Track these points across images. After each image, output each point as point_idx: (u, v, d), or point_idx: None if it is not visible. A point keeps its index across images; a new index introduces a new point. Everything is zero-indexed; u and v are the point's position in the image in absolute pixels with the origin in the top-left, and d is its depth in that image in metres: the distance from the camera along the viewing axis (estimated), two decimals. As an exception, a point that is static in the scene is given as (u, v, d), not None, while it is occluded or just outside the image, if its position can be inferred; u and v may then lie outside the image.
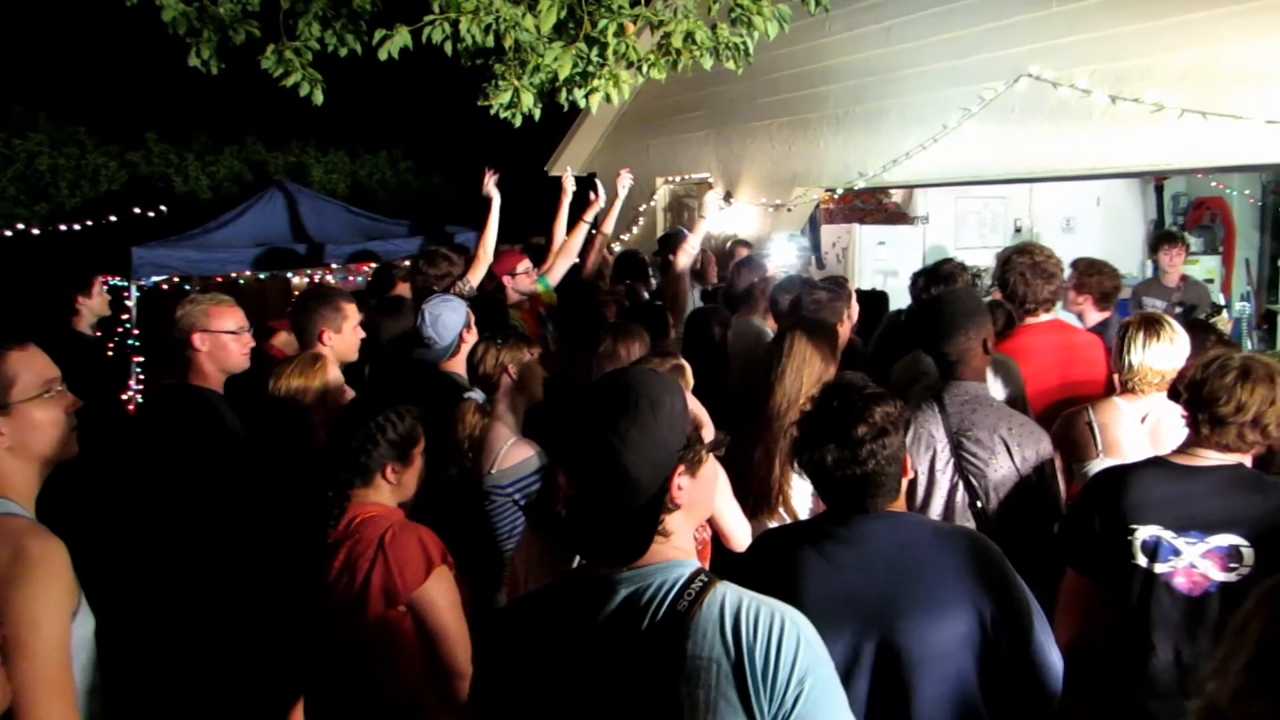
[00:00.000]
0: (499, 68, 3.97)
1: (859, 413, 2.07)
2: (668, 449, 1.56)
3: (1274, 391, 2.46)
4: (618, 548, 1.57)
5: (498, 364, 3.33)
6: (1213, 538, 2.48)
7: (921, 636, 1.94)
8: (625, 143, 10.31)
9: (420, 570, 2.46)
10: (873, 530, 2.07)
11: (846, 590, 2.00)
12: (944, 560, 2.02)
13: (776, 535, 2.29)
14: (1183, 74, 5.02)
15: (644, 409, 1.55)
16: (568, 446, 1.59)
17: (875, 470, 2.05)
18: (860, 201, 8.99)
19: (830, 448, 2.05)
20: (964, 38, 6.25)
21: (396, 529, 2.50)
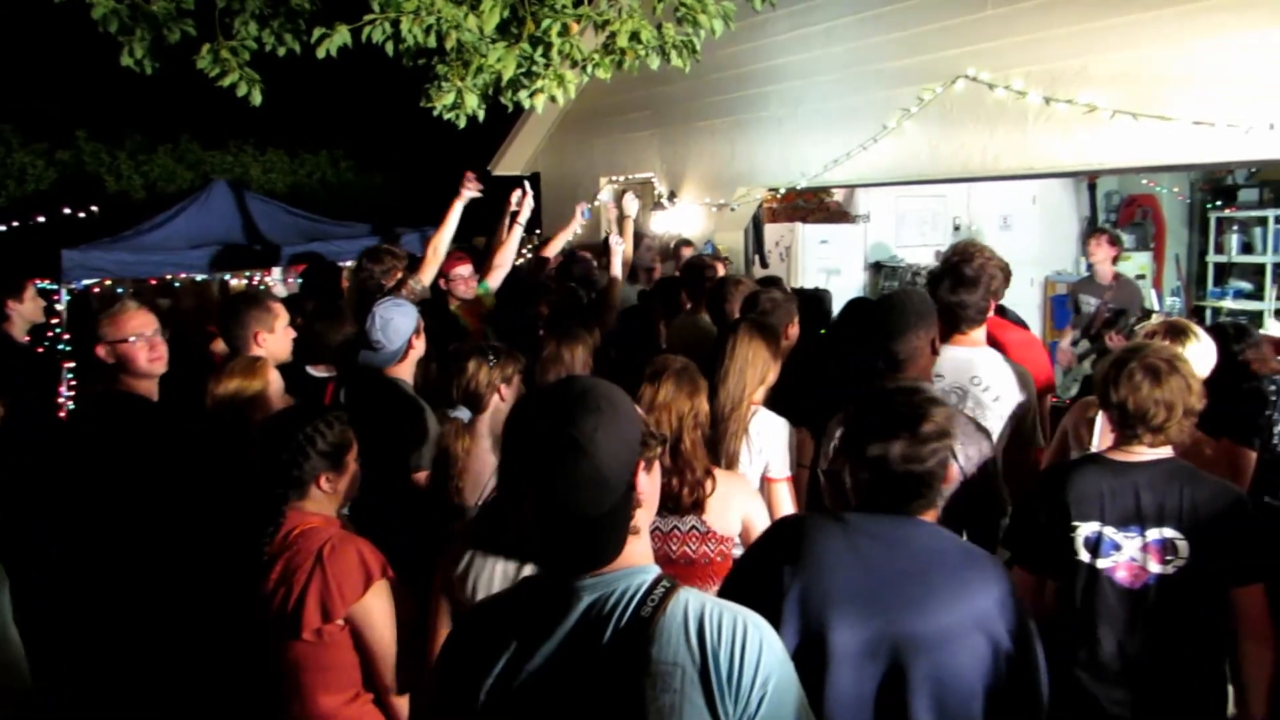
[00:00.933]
0: (441, 68, 3.93)
1: (925, 411, 2.08)
2: (631, 446, 1.56)
3: (1184, 378, 2.55)
4: (594, 549, 1.55)
5: (489, 383, 3.20)
6: (1150, 531, 2.55)
7: (935, 652, 1.94)
8: (569, 142, 10.28)
9: (359, 584, 2.42)
10: (908, 535, 2.06)
11: (873, 588, 1.99)
12: (969, 582, 2.01)
13: (801, 521, 2.26)
14: (1114, 76, 5.14)
15: (605, 408, 1.54)
16: (530, 451, 1.54)
17: (932, 470, 2.06)
18: (802, 201, 9.06)
19: (898, 442, 2.04)
20: (902, 40, 6.34)
21: (336, 542, 2.46)
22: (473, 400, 3.20)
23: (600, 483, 1.50)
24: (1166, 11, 4.89)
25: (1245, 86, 4.59)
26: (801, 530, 2.13)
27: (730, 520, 2.81)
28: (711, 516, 2.78)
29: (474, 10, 3.64)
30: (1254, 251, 9.78)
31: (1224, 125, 4.64)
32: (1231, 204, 10.04)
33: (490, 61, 3.71)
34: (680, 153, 8.68)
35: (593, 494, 1.50)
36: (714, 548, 2.78)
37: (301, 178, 14.33)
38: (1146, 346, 2.70)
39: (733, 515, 2.81)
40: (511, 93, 3.94)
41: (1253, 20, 4.55)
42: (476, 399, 3.19)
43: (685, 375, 2.84)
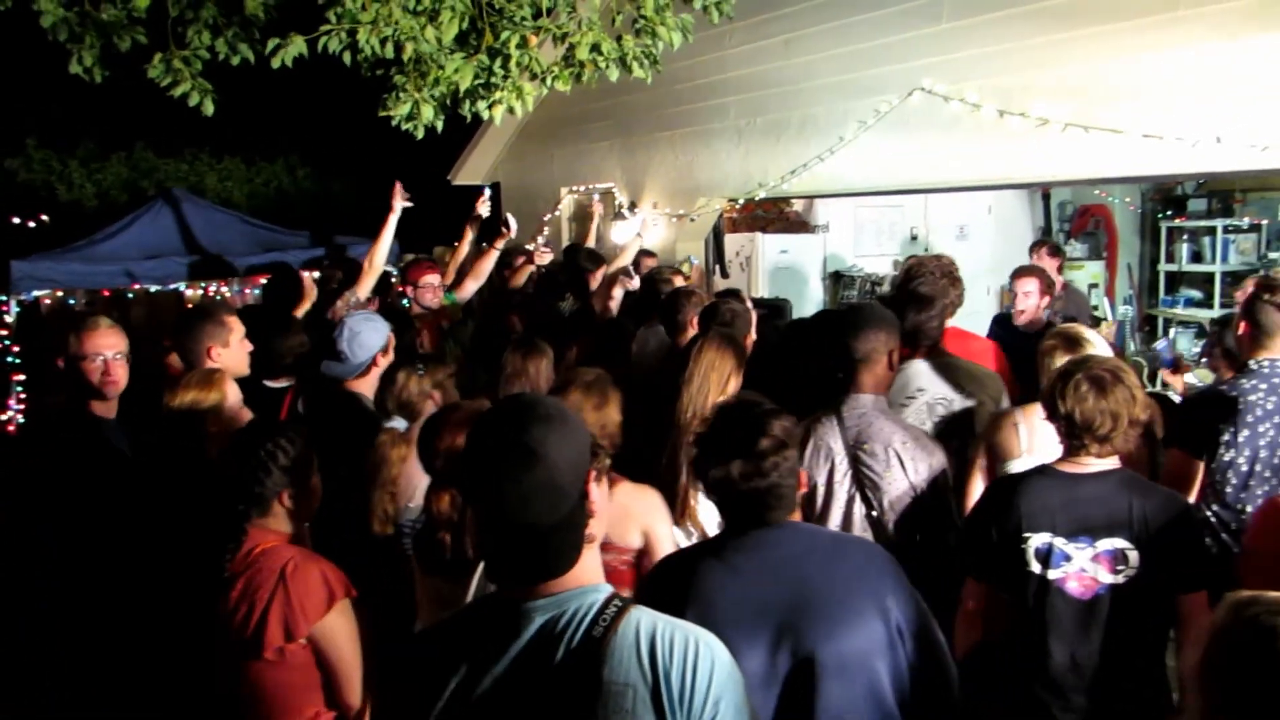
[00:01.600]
0: (399, 79, 3.90)
1: (760, 427, 2.11)
2: (583, 454, 1.58)
3: (1128, 388, 2.59)
4: (549, 559, 1.55)
5: (421, 391, 3.23)
6: (1101, 542, 2.58)
7: (834, 643, 1.97)
8: (529, 152, 10.27)
9: (322, 603, 2.41)
10: (774, 540, 2.10)
11: (758, 600, 2.02)
12: (847, 567, 2.07)
13: (678, 557, 2.31)
14: (1066, 90, 5.22)
15: (556, 417, 1.56)
16: (484, 461, 1.54)
17: (777, 482, 2.10)
18: (762, 211, 9.12)
19: (735, 463, 2.08)
20: (860, 52, 6.40)
21: (298, 561, 2.45)
22: (407, 410, 3.22)
23: (555, 489, 1.51)
24: (1116, 27, 4.98)
25: (1193, 101, 4.69)
26: (682, 566, 2.18)
27: (629, 532, 2.84)
28: (609, 525, 2.80)
29: (432, 21, 3.63)
30: (1203, 260, 9.98)
31: (1172, 138, 4.74)
32: (1181, 214, 10.25)
33: (448, 73, 3.70)
34: (640, 163, 8.70)
35: (547, 501, 1.50)
36: (614, 557, 2.82)
37: (258, 186, 14.18)
38: (1092, 359, 2.74)
39: (632, 527, 2.84)
40: (470, 104, 3.93)
41: (1199, 35, 4.65)
42: (410, 408, 3.21)
43: (594, 387, 2.93)
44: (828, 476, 3.05)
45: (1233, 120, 4.53)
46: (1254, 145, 4.44)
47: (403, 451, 3.12)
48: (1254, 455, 3.19)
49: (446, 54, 3.76)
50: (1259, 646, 1.48)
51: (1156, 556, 2.53)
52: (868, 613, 2.01)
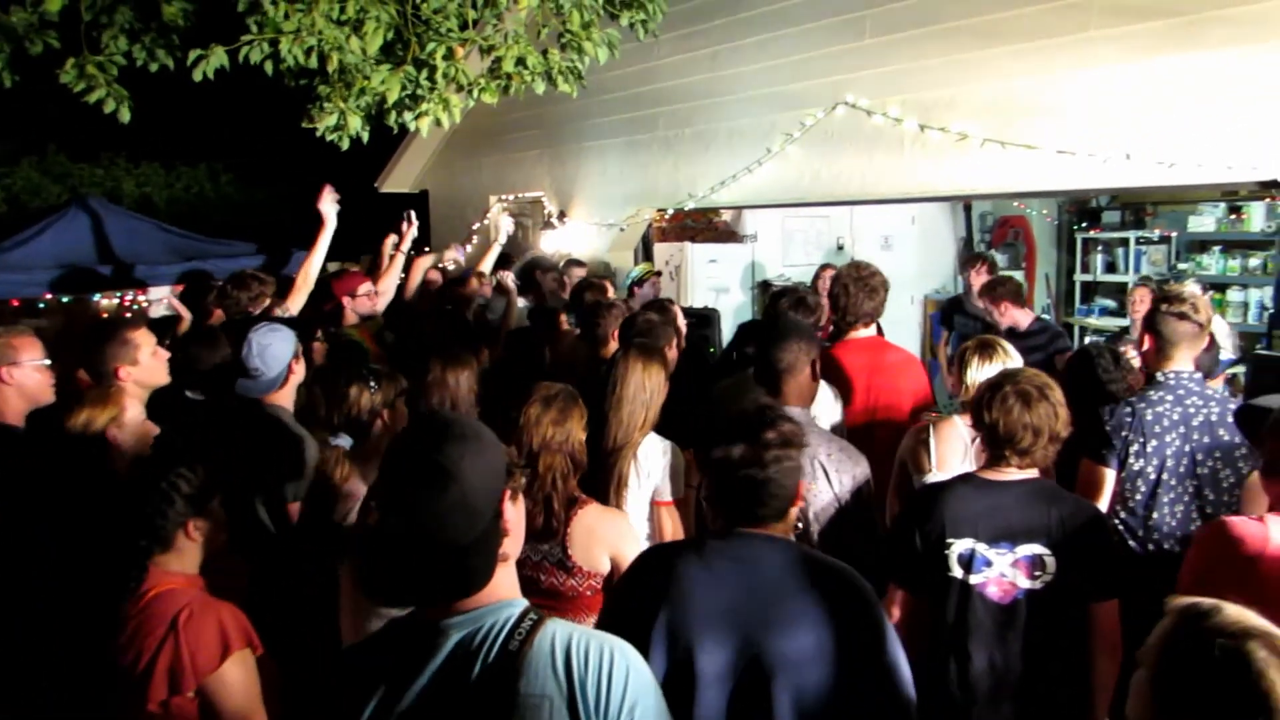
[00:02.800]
0: (324, 89, 3.85)
1: (771, 420, 2.15)
2: (497, 474, 1.59)
3: (1052, 403, 2.68)
4: (463, 578, 1.55)
5: (372, 409, 3.13)
6: (1020, 548, 2.66)
7: (794, 665, 1.98)
8: (458, 160, 10.20)
9: (214, 655, 2.29)
10: (758, 551, 2.11)
11: (731, 606, 2.03)
12: (825, 593, 2.06)
13: (664, 550, 2.31)
14: (984, 106, 5.36)
15: (470, 437, 1.57)
16: (397, 481, 1.54)
17: (774, 477, 2.10)
18: (691, 220, 9.17)
19: (739, 445, 2.10)
20: (785, 65, 6.49)
21: (194, 608, 2.33)
22: (355, 427, 3.14)
23: (468, 509, 1.52)
24: (1030, 46, 5.13)
25: (1104, 119, 4.85)
26: (663, 560, 2.18)
27: (596, 556, 2.79)
28: (575, 549, 2.78)
29: (356, 32, 3.59)
30: (1117, 271, 10.31)
31: (1085, 155, 4.89)
32: (1096, 225, 10.57)
33: (374, 84, 3.66)
34: (570, 172, 8.70)
35: (461, 521, 1.51)
36: (581, 582, 2.78)
37: (179, 192, 13.83)
38: (1020, 373, 2.82)
39: (598, 551, 2.79)
40: (396, 115, 3.89)
41: (1110, 56, 4.81)
42: (359, 425, 3.13)
43: (554, 401, 2.87)
44: (755, 488, 3.08)
45: (1142, 138, 4.70)
46: (1161, 162, 4.61)
47: (347, 469, 3.05)
48: (1161, 464, 3.30)
49: (372, 65, 3.72)
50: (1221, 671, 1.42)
51: (1072, 563, 2.61)
52: (834, 643, 2.01)
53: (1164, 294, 3.46)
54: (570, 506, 2.80)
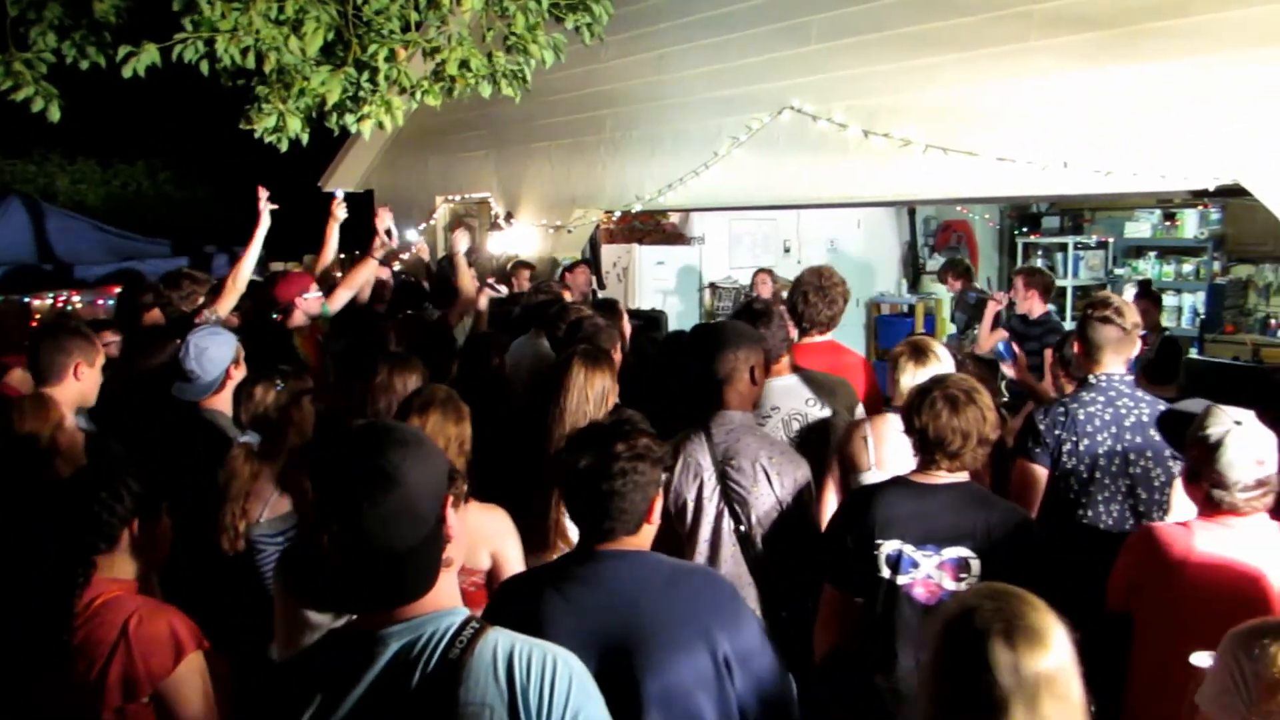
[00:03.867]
0: (262, 90, 3.78)
1: (624, 433, 2.13)
2: (440, 479, 1.58)
3: (980, 407, 2.72)
4: (406, 585, 1.54)
5: (280, 406, 3.12)
6: (946, 550, 2.70)
7: (658, 677, 1.98)
8: (403, 159, 10.10)
9: (168, 659, 2.26)
10: (612, 571, 2.10)
11: (588, 631, 2.02)
12: (680, 601, 2.07)
13: (519, 581, 2.31)
14: (926, 113, 5.44)
15: (412, 442, 1.56)
16: (340, 486, 1.52)
17: (621, 490, 2.09)
18: (639, 222, 9.20)
19: (586, 455, 2.10)
20: (732, 70, 6.53)
21: (143, 613, 2.29)
22: (262, 425, 3.14)
23: (413, 514, 1.51)
24: (972, 54, 5.21)
25: (1042, 127, 4.95)
26: (522, 591, 2.18)
27: (478, 554, 2.82)
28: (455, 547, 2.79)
29: (296, 32, 3.53)
30: (1056, 275, 10.51)
31: (1024, 162, 4.99)
32: (1036, 230, 10.78)
33: (314, 85, 3.60)
34: (516, 173, 8.67)
35: (405, 526, 1.50)
36: (464, 579, 2.79)
37: (115, 189, 13.52)
38: (949, 378, 2.86)
39: (480, 548, 2.82)
40: (337, 117, 3.83)
41: (1048, 67, 4.91)
42: (266, 423, 3.13)
43: (450, 404, 2.90)
44: (697, 493, 3.09)
45: (1079, 146, 4.80)
46: (1098, 170, 4.71)
47: (255, 467, 3.04)
48: (1093, 464, 3.37)
49: (312, 66, 3.66)
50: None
51: (997, 567, 2.65)
52: (695, 647, 2.02)
53: (1090, 300, 3.53)
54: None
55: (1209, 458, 2.51)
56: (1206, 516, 2.56)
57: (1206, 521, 2.55)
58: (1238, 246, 9.60)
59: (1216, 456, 2.49)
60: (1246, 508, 2.50)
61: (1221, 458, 2.48)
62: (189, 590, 2.89)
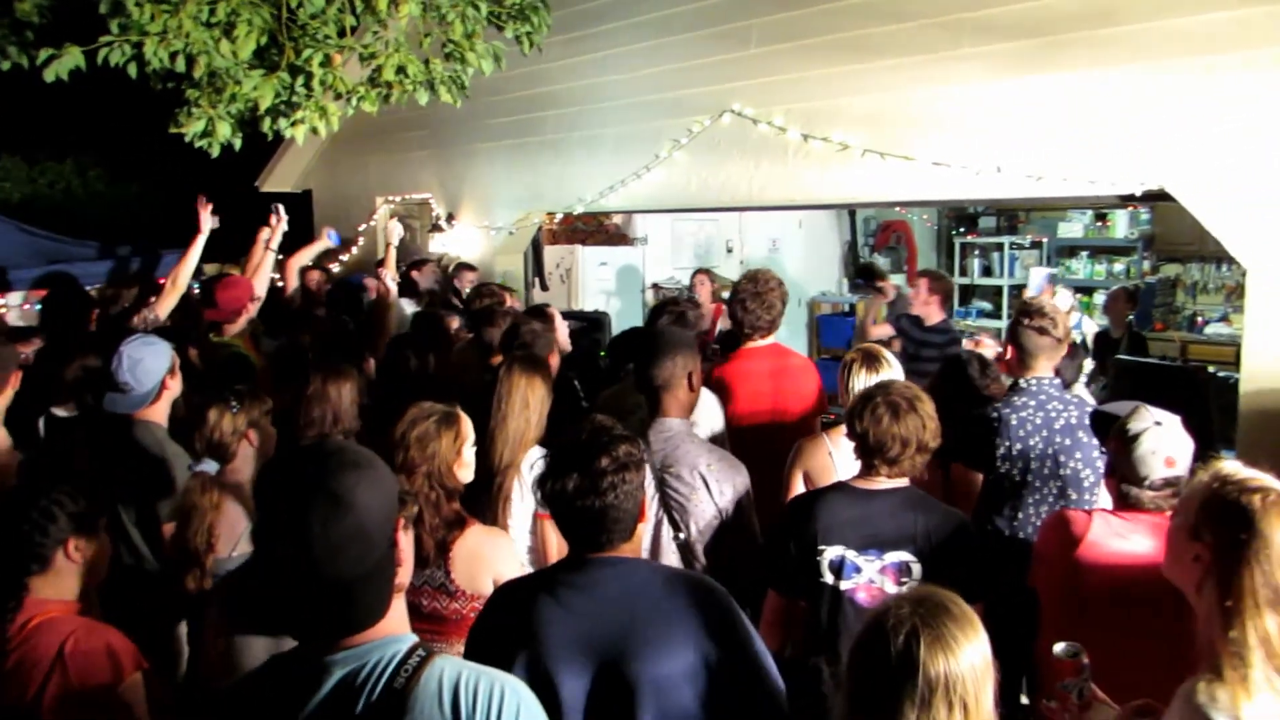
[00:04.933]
0: (192, 93, 3.69)
1: (604, 446, 2.10)
2: (391, 501, 1.55)
3: (921, 415, 2.77)
4: (357, 611, 1.51)
5: (235, 430, 3.01)
6: (888, 555, 2.75)
7: (650, 679, 1.99)
8: (343, 159, 9.96)
9: (105, 682, 2.21)
10: (606, 577, 2.10)
11: (582, 636, 2.02)
12: (674, 607, 2.07)
13: (514, 587, 2.28)
14: (864, 118, 5.50)
15: (363, 464, 1.52)
16: (288, 509, 1.48)
17: (613, 504, 2.08)
18: (581, 223, 9.19)
19: (573, 476, 2.07)
20: (672, 72, 6.54)
21: (80, 634, 2.24)
22: (218, 451, 3.04)
23: (365, 539, 1.47)
24: (907, 60, 5.28)
25: (976, 133, 5.03)
26: (514, 599, 2.16)
27: (480, 579, 2.76)
28: (458, 573, 2.75)
29: (227, 36, 3.46)
30: (993, 274, 10.73)
31: (958, 166, 5.06)
32: (973, 230, 10.99)
33: (246, 90, 3.53)
34: (458, 174, 8.60)
35: (357, 550, 1.47)
36: (465, 605, 2.75)
37: (41, 188, 13.10)
38: (892, 384, 2.91)
39: (483, 575, 2.76)
40: (270, 122, 3.76)
41: (981, 73, 4.99)
42: (223, 449, 3.04)
43: (424, 423, 2.82)
44: (636, 500, 3.10)
45: (1012, 152, 4.88)
46: (1030, 175, 4.80)
47: (214, 497, 2.92)
48: (1025, 466, 3.45)
49: (244, 70, 3.58)
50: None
51: (937, 569, 2.70)
52: (685, 651, 2.02)
53: (1025, 308, 3.60)
54: (451, 529, 2.76)
55: (1124, 451, 2.58)
56: (1115, 511, 2.64)
57: (1111, 514, 2.63)
58: (1166, 246, 9.89)
59: (1130, 450, 2.56)
60: (1152, 505, 2.57)
61: (1134, 452, 2.55)
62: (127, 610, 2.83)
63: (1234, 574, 1.78)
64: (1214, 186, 4.16)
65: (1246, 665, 1.73)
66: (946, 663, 1.63)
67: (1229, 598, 1.77)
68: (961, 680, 1.63)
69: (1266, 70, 3.99)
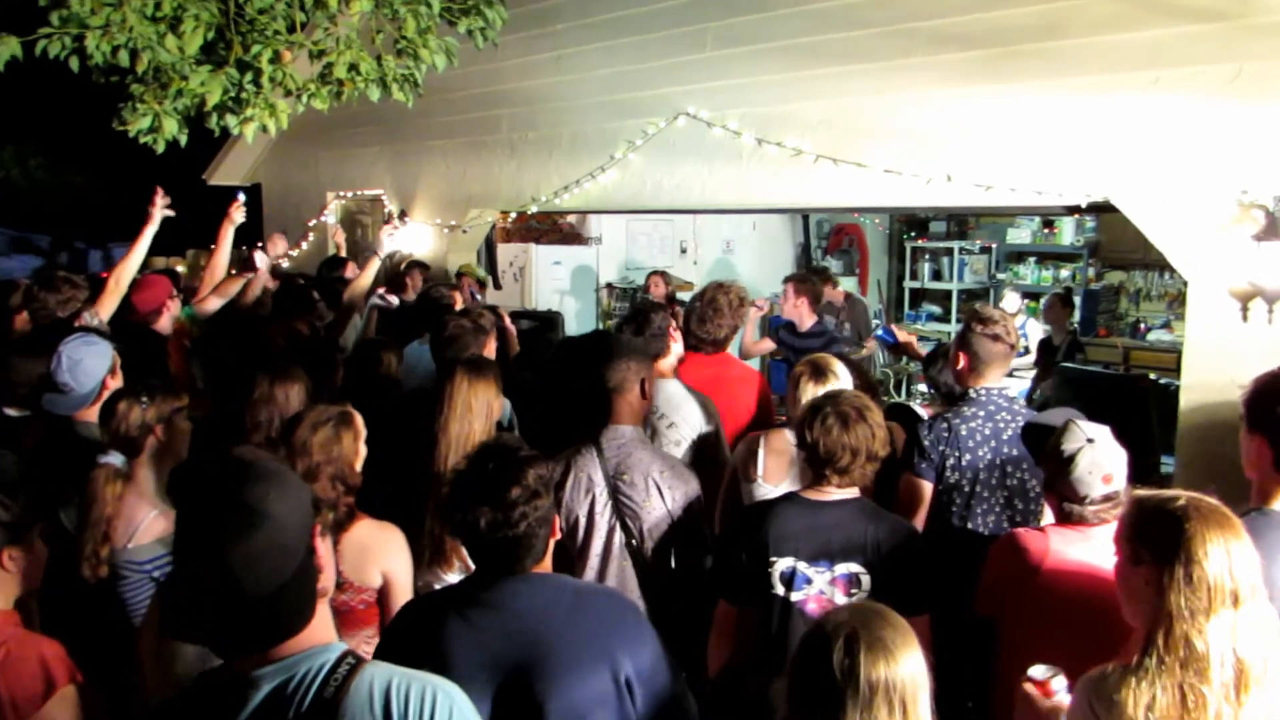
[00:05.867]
0: (137, 88, 3.61)
1: (514, 475, 2.08)
2: (306, 509, 1.55)
3: (870, 425, 2.79)
4: (280, 622, 1.50)
5: (143, 424, 2.98)
6: (838, 566, 2.76)
7: (560, 697, 1.98)
8: (294, 153, 9.81)
9: (37, 695, 2.14)
10: (516, 593, 2.09)
11: (490, 655, 2.01)
12: (585, 623, 2.08)
13: (421, 604, 2.28)
14: (818, 124, 5.53)
15: (274, 474, 1.52)
16: (202, 524, 1.47)
17: (527, 532, 2.08)
18: (536, 222, 9.15)
19: (484, 510, 2.05)
20: (628, 74, 6.53)
21: (11, 646, 2.18)
22: (125, 444, 3.01)
23: (281, 550, 1.47)
24: (860, 68, 5.32)
25: (927, 142, 5.08)
26: (421, 616, 2.16)
27: (368, 571, 2.81)
28: (346, 565, 2.78)
29: (173, 30, 3.38)
30: (943, 279, 10.87)
31: (910, 174, 5.11)
32: (924, 235, 11.12)
33: (193, 85, 3.45)
34: (411, 170, 8.51)
35: (275, 561, 1.46)
36: (353, 597, 2.79)
37: (-19, 175, 12.78)
38: (842, 395, 2.93)
39: (371, 567, 2.81)
40: (218, 118, 3.69)
41: (932, 82, 5.04)
42: (129, 443, 3.01)
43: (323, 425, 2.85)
44: (589, 508, 3.09)
45: (962, 161, 4.94)
46: (979, 185, 4.86)
47: (117, 488, 2.91)
48: (974, 477, 3.48)
49: (191, 65, 3.50)
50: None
51: (886, 581, 2.73)
52: (597, 668, 2.03)
53: (977, 315, 3.64)
54: (341, 526, 2.79)
55: (1061, 472, 2.63)
56: (1061, 524, 2.68)
57: (1062, 528, 2.67)
58: (1111, 254, 10.08)
59: (1068, 471, 2.61)
60: (1095, 519, 2.62)
61: (1072, 473, 2.60)
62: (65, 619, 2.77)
63: (1165, 580, 1.82)
64: (1157, 199, 4.24)
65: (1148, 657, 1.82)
66: (886, 667, 1.69)
67: (1161, 602, 1.83)
68: (901, 684, 1.69)
69: (1208, 85, 4.07)
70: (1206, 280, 4.10)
